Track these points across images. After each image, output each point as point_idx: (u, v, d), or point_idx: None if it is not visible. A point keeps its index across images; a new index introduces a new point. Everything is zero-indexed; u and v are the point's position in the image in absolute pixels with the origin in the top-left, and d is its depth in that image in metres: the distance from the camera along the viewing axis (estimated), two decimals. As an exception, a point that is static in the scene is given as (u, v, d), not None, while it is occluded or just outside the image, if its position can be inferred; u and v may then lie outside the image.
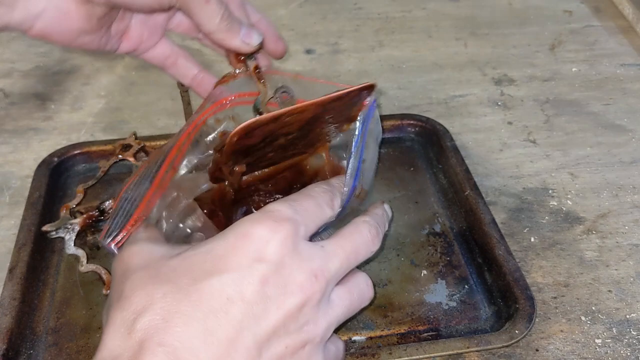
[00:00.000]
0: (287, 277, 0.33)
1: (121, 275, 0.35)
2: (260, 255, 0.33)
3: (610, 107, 0.72)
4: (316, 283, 0.34)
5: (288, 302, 0.33)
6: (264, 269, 0.33)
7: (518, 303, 0.48)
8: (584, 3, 0.92)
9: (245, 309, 0.32)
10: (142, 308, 0.32)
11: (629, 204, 0.60)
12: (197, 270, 0.33)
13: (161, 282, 0.33)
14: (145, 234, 0.39)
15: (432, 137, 0.66)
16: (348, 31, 0.87)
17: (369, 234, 0.39)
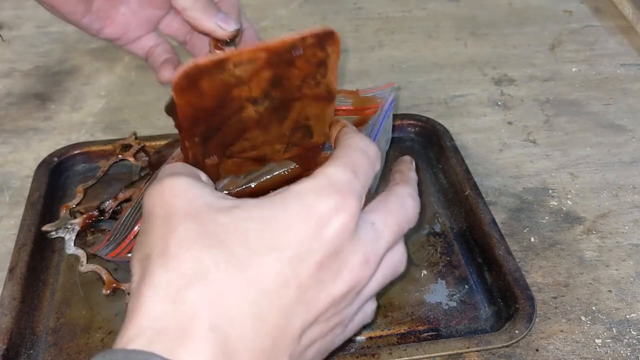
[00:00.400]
0: (342, 261, 0.31)
1: (164, 219, 0.30)
2: (322, 235, 0.30)
3: (610, 107, 0.72)
4: (367, 268, 0.32)
5: (337, 288, 0.31)
6: (323, 251, 0.30)
7: (518, 303, 0.48)
8: (584, 3, 0.92)
9: (298, 295, 0.29)
10: (194, 275, 0.28)
11: (629, 204, 0.60)
12: (254, 239, 0.29)
13: (213, 244, 0.29)
14: (186, 169, 0.34)
15: (432, 137, 0.66)
16: (348, 31, 0.87)
17: (413, 210, 0.36)
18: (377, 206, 0.35)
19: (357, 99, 0.52)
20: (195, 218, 0.30)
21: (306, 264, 0.29)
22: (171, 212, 0.30)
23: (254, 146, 0.44)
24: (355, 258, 0.31)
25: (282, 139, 0.45)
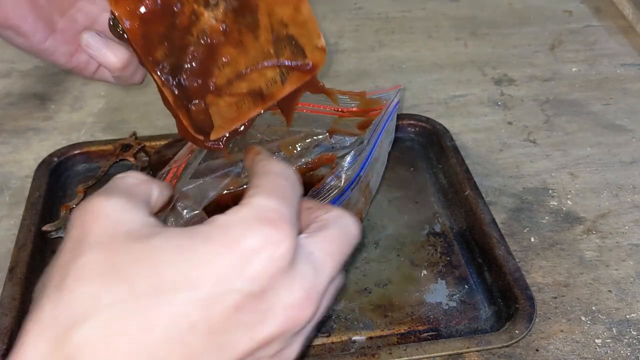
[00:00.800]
0: (273, 300, 0.27)
1: (75, 244, 0.27)
2: (245, 272, 0.26)
3: (610, 107, 0.72)
4: (307, 306, 0.28)
5: (266, 330, 0.27)
6: (246, 290, 0.26)
7: (518, 303, 0.48)
8: (584, 3, 0.92)
9: (207, 342, 0.25)
10: (85, 314, 0.24)
11: (629, 204, 0.60)
12: (165, 274, 0.25)
13: (116, 278, 0.25)
14: (130, 187, 0.30)
15: (432, 137, 0.66)
16: (348, 31, 0.87)
17: (354, 228, 0.32)
18: (314, 232, 0.31)
19: (364, 100, 0.52)
20: (106, 247, 0.26)
21: (221, 305, 0.25)
22: (83, 237, 0.27)
23: (240, 74, 0.40)
24: (292, 295, 0.27)
25: (268, 58, 0.41)
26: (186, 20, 0.37)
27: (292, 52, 0.42)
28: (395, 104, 0.49)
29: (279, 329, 0.27)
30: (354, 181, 0.46)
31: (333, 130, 0.54)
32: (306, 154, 0.54)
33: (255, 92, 0.41)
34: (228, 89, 0.40)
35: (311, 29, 0.42)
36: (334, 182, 0.45)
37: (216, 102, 0.40)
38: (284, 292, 0.27)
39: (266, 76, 0.41)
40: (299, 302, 0.27)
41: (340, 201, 0.46)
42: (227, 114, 0.40)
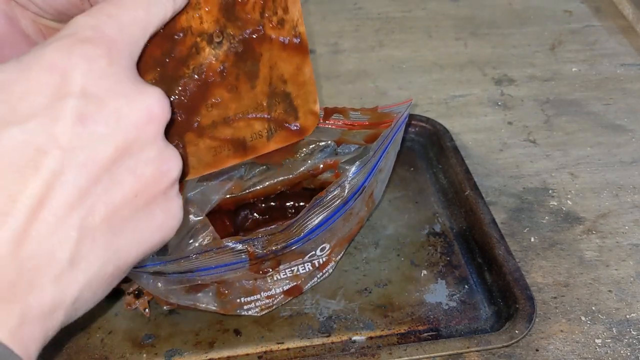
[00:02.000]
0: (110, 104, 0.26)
1: None
2: (68, 88, 0.25)
3: (610, 107, 0.72)
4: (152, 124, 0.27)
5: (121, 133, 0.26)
6: (75, 104, 0.25)
7: (518, 303, 0.48)
8: (584, 3, 0.92)
9: (63, 159, 0.24)
10: None
11: (629, 204, 0.60)
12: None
13: None
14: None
15: (432, 137, 0.66)
16: (348, 31, 0.87)
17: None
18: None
19: (375, 114, 0.52)
20: None
21: (63, 122, 0.24)
22: None
23: (227, 119, 0.39)
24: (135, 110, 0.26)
25: (259, 110, 0.40)
26: (185, 51, 0.36)
27: (285, 110, 0.41)
28: (405, 117, 0.50)
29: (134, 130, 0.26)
30: (358, 191, 0.46)
31: (341, 141, 0.54)
32: (310, 158, 0.54)
33: (238, 141, 0.40)
34: (211, 131, 0.39)
35: (309, 92, 0.42)
36: (338, 191, 0.45)
37: (196, 142, 0.39)
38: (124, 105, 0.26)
39: (253, 128, 0.40)
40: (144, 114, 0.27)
41: (343, 210, 0.46)
42: (204, 157, 0.39)
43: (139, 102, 0.27)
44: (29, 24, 0.40)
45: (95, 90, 0.25)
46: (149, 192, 0.27)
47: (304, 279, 0.50)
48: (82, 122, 0.25)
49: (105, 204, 0.26)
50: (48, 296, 0.24)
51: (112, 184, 0.26)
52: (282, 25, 0.38)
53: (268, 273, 0.48)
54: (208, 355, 0.48)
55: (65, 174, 0.24)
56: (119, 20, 0.27)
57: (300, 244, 0.46)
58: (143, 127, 0.26)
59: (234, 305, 0.48)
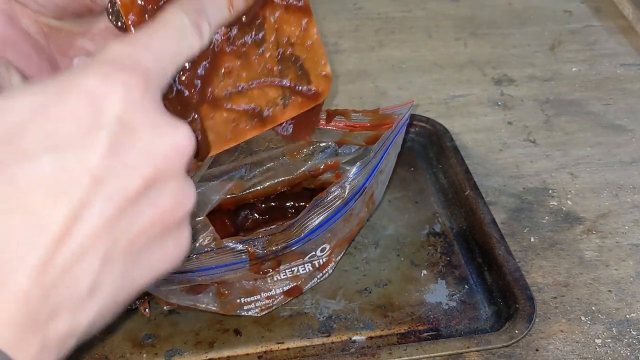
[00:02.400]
0: (143, 137, 0.26)
1: None
2: (102, 115, 0.25)
3: (610, 107, 0.72)
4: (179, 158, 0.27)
5: (148, 167, 0.26)
6: (110, 134, 0.25)
7: (518, 303, 0.48)
8: (584, 3, 0.92)
9: (93, 188, 0.24)
10: None
11: (629, 204, 0.60)
12: (24, 138, 0.24)
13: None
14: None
15: (432, 137, 0.66)
16: (348, 31, 0.87)
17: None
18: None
19: (376, 116, 0.52)
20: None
21: (95, 152, 0.24)
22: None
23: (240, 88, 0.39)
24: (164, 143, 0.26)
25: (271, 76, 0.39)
26: None
27: (296, 74, 0.41)
28: (406, 119, 0.50)
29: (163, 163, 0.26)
30: (359, 192, 0.46)
31: (342, 142, 0.54)
32: (310, 159, 0.54)
33: (254, 111, 0.40)
34: (226, 102, 0.38)
35: (318, 54, 0.41)
36: (338, 192, 0.45)
37: (212, 116, 0.38)
38: (154, 129, 0.26)
39: (268, 96, 0.40)
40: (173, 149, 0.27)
41: (343, 211, 0.46)
42: (222, 130, 0.39)
43: (169, 135, 0.27)
44: (30, 23, 0.40)
45: (130, 120, 0.25)
46: (165, 223, 0.27)
47: (304, 279, 0.50)
48: (115, 153, 0.25)
49: (126, 233, 0.26)
50: (66, 325, 0.24)
51: (135, 215, 0.26)
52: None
53: (268, 273, 0.48)
54: (208, 355, 0.48)
55: (93, 203, 0.24)
56: (153, 51, 0.28)
57: (301, 244, 0.46)
58: (171, 160, 0.27)
59: (234, 306, 0.48)
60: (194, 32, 0.30)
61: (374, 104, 0.73)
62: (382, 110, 0.52)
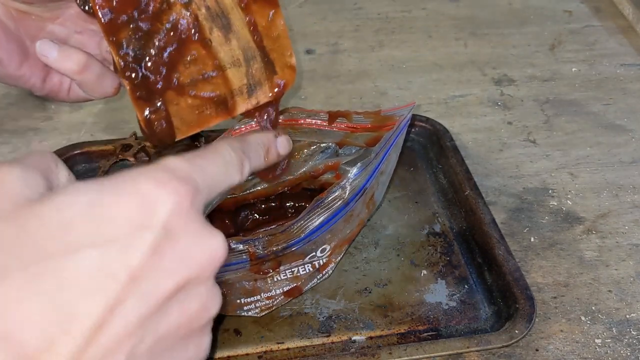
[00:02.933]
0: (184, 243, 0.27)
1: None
2: (152, 218, 0.26)
3: (610, 107, 0.72)
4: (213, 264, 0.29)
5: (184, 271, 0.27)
6: (154, 237, 0.26)
7: (518, 303, 0.48)
8: (584, 3, 0.92)
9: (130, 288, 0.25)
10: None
11: (629, 204, 0.60)
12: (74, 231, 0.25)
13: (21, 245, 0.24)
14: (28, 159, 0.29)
15: (432, 137, 0.66)
16: (348, 31, 0.87)
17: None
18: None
19: (378, 117, 0.52)
20: (8, 215, 0.25)
21: (138, 252, 0.26)
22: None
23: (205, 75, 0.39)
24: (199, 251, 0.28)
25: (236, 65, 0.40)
26: (157, 6, 0.36)
27: (261, 64, 0.41)
28: (407, 120, 0.50)
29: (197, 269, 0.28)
30: (359, 192, 0.46)
31: (343, 143, 0.54)
32: (311, 159, 0.54)
33: (219, 98, 0.41)
34: (191, 88, 0.39)
35: (284, 45, 0.42)
36: (339, 193, 0.45)
37: (177, 101, 0.39)
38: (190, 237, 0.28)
39: (232, 84, 0.41)
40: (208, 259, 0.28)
41: (344, 212, 0.46)
42: (187, 116, 0.39)
43: (206, 243, 0.28)
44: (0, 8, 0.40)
45: (174, 226, 0.27)
46: (190, 326, 0.29)
47: (303, 280, 0.50)
48: (155, 255, 0.26)
49: (153, 333, 0.27)
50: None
51: (164, 316, 0.27)
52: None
53: (268, 274, 0.48)
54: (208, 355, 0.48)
55: (128, 301, 0.25)
56: (204, 172, 0.30)
57: (301, 244, 0.46)
58: (204, 267, 0.28)
59: (234, 306, 0.48)
60: (237, 169, 0.33)
61: (374, 104, 0.73)
62: (383, 112, 0.53)
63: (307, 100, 0.73)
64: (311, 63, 0.80)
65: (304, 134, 0.53)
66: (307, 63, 0.80)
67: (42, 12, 0.43)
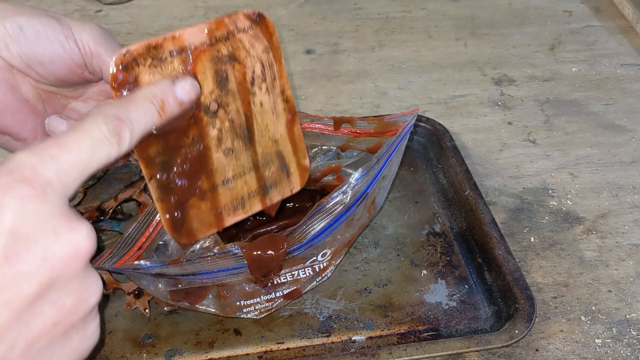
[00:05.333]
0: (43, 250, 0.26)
1: None
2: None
3: (610, 107, 0.72)
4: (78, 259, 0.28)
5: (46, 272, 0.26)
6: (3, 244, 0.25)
7: (518, 303, 0.48)
8: (584, 3, 0.92)
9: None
10: None
11: (629, 204, 0.60)
12: None
13: None
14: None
15: (432, 137, 0.66)
16: (348, 31, 0.87)
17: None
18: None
19: (381, 123, 0.53)
20: None
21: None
22: None
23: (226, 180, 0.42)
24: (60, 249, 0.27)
25: (255, 170, 0.43)
26: (185, 122, 0.38)
27: (277, 167, 0.44)
28: (410, 126, 0.50)
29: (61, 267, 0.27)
30: (361, 197, 0.46)
31: (345, 147, 0.54)
32: (312, 162, 0.54)
33: (236, 200, 0.43)
34: (212, 194, 0.41)
35: (299, 149, 0.44)
36: (340, 198, 0.45)
37: (198, 206, 0.41)
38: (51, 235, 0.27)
39: (250, 187, 0.43)
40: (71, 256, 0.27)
41: (345, 217, 0.46)
42: (206, 218, 0.41)
43: (67, 239, 0.27)
44: (29, 90, 0.41)
45: (25, 229, 0.26)
46: (67, 321, 0.28)
47: (303, 282, 0.50)
48: (9, 262, 0.25)
49: (25, 337, 0.26)
50: None
51: (33, 317, 0.26)
52: (271, 91, 0.41)
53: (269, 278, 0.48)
54: (208, 355, 0.48)
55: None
56: (59, 162, 0.28)
57: (303, 250, 0.47)
58: (69, 262, 0.27)
59: (234, 309, 0.48)
60: (111, 142, 0.30)
61: (373, 104, 0.73)
62: (387, 118, 0.53)
63: (307, 100, 0.73)
64: (311, 63, 0.80)
65: (306, 138, 0.53)
66: (307, 63, 0.80)
67: (68, 92, 0.43)
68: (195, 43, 0.37)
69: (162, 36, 0.36)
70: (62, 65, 0.40)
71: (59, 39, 0.39)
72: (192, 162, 0.39)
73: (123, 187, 0.56)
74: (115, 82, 0.35)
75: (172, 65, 0.37)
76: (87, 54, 0.40)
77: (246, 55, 0.39)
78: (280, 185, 0.45)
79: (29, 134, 0.42)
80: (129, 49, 0.35)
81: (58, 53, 0.39)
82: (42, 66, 0.39)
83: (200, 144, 0.39)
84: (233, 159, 0.41)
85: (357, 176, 0.45)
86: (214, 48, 0.38)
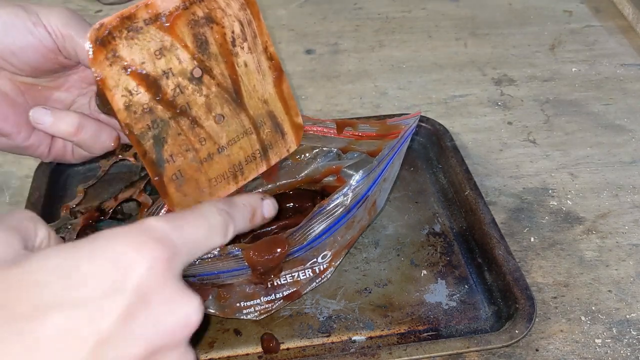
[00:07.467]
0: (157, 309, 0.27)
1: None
2: (124, 283, 0.26)
3: (610, 107, 0.72)
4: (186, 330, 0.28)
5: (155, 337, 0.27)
6: (126, 301, 0.26)
7: (518, 303, 0.48)
8: (584, 3, 0.92)
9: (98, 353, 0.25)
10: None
11: (629, 204, 0.60)
12: (42, 294, 0.25)
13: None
14: (7, 220, 0.30)
15: (432, 137, 0.66)
16: (348, 31, 0.87)
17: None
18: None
19: (384, 126, 0.53)
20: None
21: (108, 317, 0.25)
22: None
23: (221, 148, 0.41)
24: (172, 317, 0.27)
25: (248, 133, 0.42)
26: (170, 92, 0.37)
27: (271, 128, 0.43)
28: (412, 129, 0.50)
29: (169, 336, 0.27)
30: (361, 200, 0.46)
31: (347, 149, 0.54)
32: (312, 163, 0.54)
33: (234, 167, 0.43)
34: (209, 163, 0.41)
35: (291, 106, 0.44)
36: (341, 200, 0.45)
37: (197, 177, 0.40)
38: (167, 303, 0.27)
39: (246, 151, 0.43)
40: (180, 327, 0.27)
41: (345, 219, 0.46)
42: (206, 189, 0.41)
43: (180, 309, 0.27)
44: (6, 83, 0.41)
45: (147, 290, 0.26)
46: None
47: (303, 284, 0.50)
48: (125, 320, 0.26)
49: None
50: None
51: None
52: (254, 50, 0.41)
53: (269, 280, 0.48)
54: (208, 355, 0.48)
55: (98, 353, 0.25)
56: (186, 234, 0.29)
57: (303, 252, 0.47)
58: (177, 332, 0.27)
59: (233, 310, 0.48)
60: (221, 232, 0.32)
61: (373, 104, 0.73)
62: (389, 121, 0.53)
63: (307, 100, 0.73)
64: (311, 63, 0.80)
65: (308, 140, 0.53)
66: (307, 63, 0.80)
67: (48, 82, 0.43)
68: (169, 8, 0.36)
69: (135, 5, 0.35)
70: (34, 53, 0.40)
71: (27, 26, 0.39)
72: (183, 132, 0.39)
73: (123, 187, 0.56)
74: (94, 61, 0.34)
75: (149, 34, 0.36)
76: (58, 37, 0.40)
77: (223, 15, 0.39)
78: (276, 146, 0.44)
79: (12, 128, 0.42)
80: (102, 22, 0.34)
81: (28, 41, 0.39)
82: (14, 56, 0.39)
83: (190, 113, 0.38)
84: (225, 125, 0.41)
85: (357, 178, 0.45)
86: (189, 11, 0.37)
